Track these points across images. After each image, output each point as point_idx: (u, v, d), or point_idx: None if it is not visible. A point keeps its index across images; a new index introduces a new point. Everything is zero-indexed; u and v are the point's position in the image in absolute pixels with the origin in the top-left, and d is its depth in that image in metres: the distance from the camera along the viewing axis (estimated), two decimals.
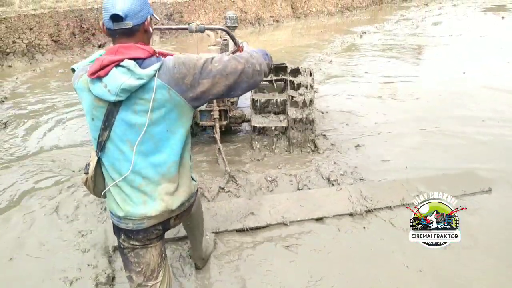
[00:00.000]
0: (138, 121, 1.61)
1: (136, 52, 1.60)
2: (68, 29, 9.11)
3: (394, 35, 10.61)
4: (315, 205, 3.13)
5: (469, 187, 3.35)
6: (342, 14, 14.90)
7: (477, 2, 17.39)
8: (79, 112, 5.39)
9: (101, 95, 1.58)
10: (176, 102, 1.64)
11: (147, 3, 1.68)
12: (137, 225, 1.74)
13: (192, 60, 1.66)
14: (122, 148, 1.66)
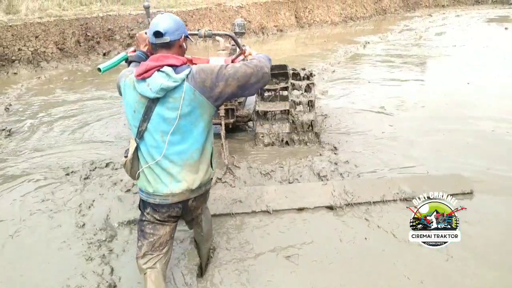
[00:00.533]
0: (169, 115, 2.05)
1: (172, 61, 2.07)
2: (73, 37, 9.18)
3: (397, 45, 10.64)
4: (299, 197, 3.37)
5: (451, 188, 3.36)
6: (346, 24, 14.97)
7: (480, 12, 17.43)
8: (82, 120, 5.42)
9: (144, 92, 2.04)
10: (200, 101, 2.07)
11: (183, 26, 2.19)
12: (162, 200, 2.14)
13: (210, 67, 2.11)
14: (156, 137, 2.08)
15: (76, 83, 7.42)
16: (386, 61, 8.76)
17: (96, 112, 5.77)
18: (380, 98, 6.08)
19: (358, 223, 3.07)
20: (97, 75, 7.95)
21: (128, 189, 3.58)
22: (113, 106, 5.99)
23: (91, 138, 4.84)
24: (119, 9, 10.83)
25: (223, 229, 3.07)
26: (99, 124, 5.30)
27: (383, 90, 6.49)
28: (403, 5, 18.48)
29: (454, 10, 18.67)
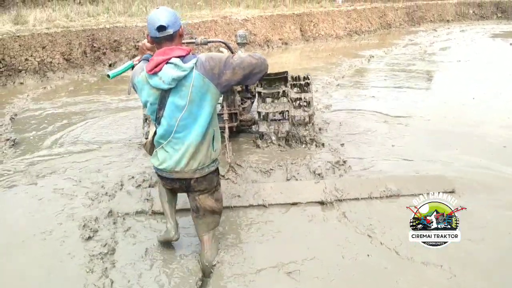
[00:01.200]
0: (181, 102, 2.33)
1: (178, 52, 2.32)
2: (79, 48, 9.26)
3: (402, 59, 10.66)
4: (293, 193, 3.68)
5: (434, 187, 3.54)
6: (351, 37, 15.03)
7: (485, 28, 17.47)
8: (87, 130, 5.44)
9: (158, 85, 2.31)
10: (208, 87, 2.34)
11: (178, 17, 2.40)
12: (168, 175, 2.53)
13: (218, 56, 2.38)
14: (170, 122, 2.37)
15: (81, 93, 7.47)
16: (390, 75, 8.78)
17: (101, 121, 5.79)
18: (384, 110, 6.12)
19: (360, 239, 3.04)
20: (102, 86, 8.02)
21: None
22: (117, 114, 6.02)
23: (95, 148, 4.85)
24: (125, 20, 10.94)
25: (225, 219, 3.33)
26: (103, 132, 5.32)
27: (388, 103, 6.50)
28: (407, 20, 18.55)
29: (459, 25, 18.73)
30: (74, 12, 11.69)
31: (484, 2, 21.00)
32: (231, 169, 4.11)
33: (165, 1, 15.80)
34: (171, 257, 2.89)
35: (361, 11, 16.28)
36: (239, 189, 3.74)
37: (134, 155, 4.59)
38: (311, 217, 3.36)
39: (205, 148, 2.46)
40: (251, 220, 3.34)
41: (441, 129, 5.33)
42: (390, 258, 2.81)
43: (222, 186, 3.43)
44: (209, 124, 2.43)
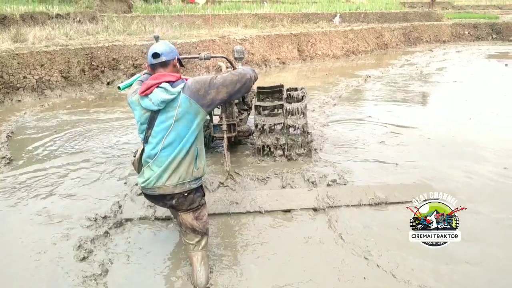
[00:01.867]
0: (168, 122, 2.56)
1: (168, 78, 2.59)
2: (78, 66, 9.31)
3: (398, 79, 10.74)
4: (287, 200, 3.91)
5: (418, 194, 3.51)
6: (348, 57, 15.15)
7: (481, 49, 17.65)
8: (84, 148, 5.43)
9: (148, 106, 2.57)
10: (195, 108, 2.60)
11: (175, 50, 2.76)
12: (152, 191, 2.68)
13: (203, 79, 2.67)
14: (156, 141, 2.58)
15: (79, 111, 7.48)
16: (387, 95, 8.83)
17: (99, 140, 5.78)
18: (381, 129, 6.19)
19: (357, 261, 3.02)
20: (100, 104, 8.03)
21: None
22: (115, 132, 6.02)
23: (92, 164, 4.83)
24: (124, 39, 11.03)
25: (222, 225, 3.61)
26: (100, 152, 5.31)
27: (385, 122, 6.52)
28: (404, 40, 18.75)
29: (454, 45, 18.91)
30: (74, 31, 11.81)
31: (479, 23, 21.27)
32: (230, 177, 4.31)
33: (164, 20, 16.01)
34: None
35: (358, 31, 16.45)
36: (236, 196, 3.96)
37: (132, 171, 4.59)
38: (307, 238, 3.35)
39: (186, 164, 2.63)
40: (246, 242, 3.32)
41: (436, 146, 5.41)
42: (387, 281, 2.79)
43: (220, 193, 3.98)
44: (193, 143, 2.64)
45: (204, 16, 18.44)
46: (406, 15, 22.53)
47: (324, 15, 20.48)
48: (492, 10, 30.61)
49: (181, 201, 2.69)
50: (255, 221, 3.66)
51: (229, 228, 3.58)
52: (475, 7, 32.95)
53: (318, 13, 20.74)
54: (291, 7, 22.90)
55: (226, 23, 16.45)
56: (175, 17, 17.41)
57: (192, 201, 2.73)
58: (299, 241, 3.31)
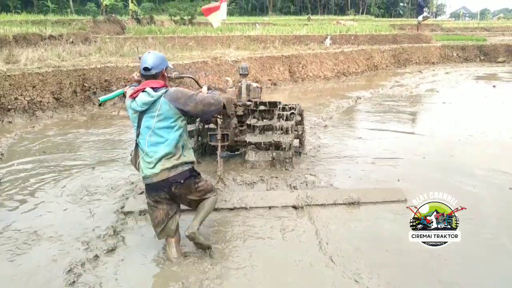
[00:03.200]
0: (151, 122, 3.07)
1: (153, 84, 3.10)
2: (70, 88, 9.33)
3: (388, 100, 10.87)
4: (271, 199, 4.36)
5: (389, 197, 4.41)
6: (338, 79, 15.34)
7: (469, 70, 17.95)
8: (74, 171, 5.40)
9: (135, 107, 3.09)
10: (174, 111, 3.09)
11: (164, 60, 3.23)
12: (150, 181, 3.13)
13: (186, 91, 3.17)
14: (144, 137, 3.10)
15: (70, 132, 7.46)
16: (378, 116, 8.92)
17: (90, 162, 5.77)
18: (372, 149, 6.29)
19: (347, 284, 3.02)
20: (91, 125, 8.03)
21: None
22: (105, 155, 6.01)
23: (80, 191, 4.81)
24: (117, 60, 11.09)
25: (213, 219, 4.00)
26: (91, 176, 5.29)
27: (376, 142, 6.61)
28: (394, 62, 19.04)
29: (443, 67, 19.22)
30: (66, 52, 11.85)
31: (467, 45, 21.69)
32: (220, 181, 4.74)
33: (157, 41, 16.14)
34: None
35: (349, 53, 16.69)
36: (226, 196, 4.42)
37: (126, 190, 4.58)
38: (297, 262, 3.33)
39: (176, 156, 3.13)
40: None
41: (421, 162, 5.55)
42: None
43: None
44: (178, 138, 3.14)
45: (197, 37, 18.62)
46: (395, 37, 22.91)
47: (315, 37, 20.76)
48: (480, 32, 31.27)
49: (180, 188, 3.17)
50: (241, 214, 4.17)
51: (220, 219, 4.08)
52: (463, 29, 33.63)
53: (309, 35, 21.02)
54: (282, 29, 23.24)
55: (219, 44, 16.61)
56: (168, 39, 17.56)
57: (188, 185, 3.22)
58: (289, 264, 3.31)
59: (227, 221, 4.03)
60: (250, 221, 4.01)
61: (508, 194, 4.67)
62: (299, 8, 70.82)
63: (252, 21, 31.86)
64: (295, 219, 4.04)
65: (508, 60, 20.65)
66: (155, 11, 38.44)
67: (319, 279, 3.11)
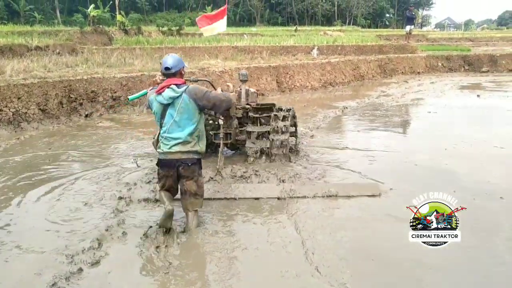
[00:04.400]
0: (173, 113, 3.77)
1: (176, 81, 3.79)
2: (56, 99, 9.26)
3: (375, 110, 10.97)
4: (258, 191, 4.95)
5: (365, 191, 4.96)
6: (325, 89, 15.44)
7: (454, 80, 18.20)
8: (59, 185, 5.36)
9: (161, 101, 3.77)
10: (192, 105, 3.79)
11: (182, 61, 3.91)
12: (164, 156, 3.86)
13: (202, 89, 3.89)
14: (167, 126, 3.79)
15: (55, 145, 7.40)
16: (363, 126, 9.00)
17: (75, 174, 5.72)
18: (358, 159, 6.38)
19: None
20: (76, 136, 7.97)
21: None
22: (90, 166, 5.97)
23: (65, 203, 4.77)
24: (104, 71, 11.06)
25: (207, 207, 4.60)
26: (75, 188, 5.25)
27: (361, 153, 6.65)
28: (380, 72, 19.23)
29: (429, 77, 19.44)
30: (53, 63, 11.81)
31: (452, 55, 21.99)
32: (218, 174, 5.39)
33: (144, 52, 16.14)
34: None
35: (335, 63, 16.84)
36: (220, 187, 5.08)
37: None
38: (283, 272, 3.34)
39: (192, 143, 3.84)
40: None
41: (409, 171, 5.55)
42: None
43: (210, 185, 5.06)
44: (194, 129, 3.84)
45: (185, 48, 18.65)
46: (381, 48, 23.18)
47: (302, 47, 20.92)
48: (464, 42, 31.69)
49: (185, 169, 3.86)
50: (230, 203, 4.73)
51: (213, 208, 4.66)
52: (448, 40, 34.08)
53: (297, 46, 21.18)
54: (270, 40, 23.37)
55: (206, 55, 16.65)
56: (156, 49, 17.57)
57: (193, 171, 3.91)
58: (275, 273, 3.32)
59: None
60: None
61: (496, 203, 4.73)
62: (286, 19, 71.39)
63: (240, 32, 32.01)
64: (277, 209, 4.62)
65: (491, 70, 20.96)
66: (142, 22, 38.41)
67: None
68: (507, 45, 30.15)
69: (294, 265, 3.45)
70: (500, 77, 19.30)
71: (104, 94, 10.15)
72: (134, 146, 7.25)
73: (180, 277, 3.28)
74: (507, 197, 4.86)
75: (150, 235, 3.91)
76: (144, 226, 4.10)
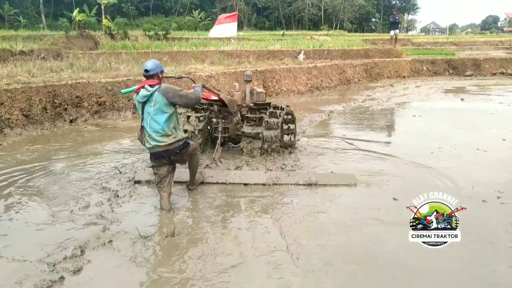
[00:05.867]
0: (150, 109, 4.35)
1: (150, 82, 4.39)
2: (40, 104, 9.15)
3: (360, 114, 11.05)
4: (247, 178, 5.59)
5: (342, 180, 5.45)
6: (312, 93, 15.50)
7: (438, 84, 18.41)
8: (43, 194, 5.29)
9: (139, 99, 4.40)
10: (165, 102, 4.35)
11: (160, 66, 4.51)
12: (154, 151, 4.46)
13: (173, 88, 4.48)
14: (147, 121, 4.38)
15: (39, 151, 7.30)
16: (349, 129, 9.05)
17: (56, 181, 5.66)
18: (346, 164, 6.40)
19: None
20: (60, 141, 7.88)
21: None
22: (72, 172, 5.91)
23: (47, 210, 4.71)
24: (89, 76, 10.96)
25: (200, 189, 5.40)
26: (58, 195, 5.19)
27: (348, 158, 6.68)
28: (366, 76, 19.37)
29: (414, 81, 19.64)
30: (37, 68, 11.65)
31: (436, 59, 22.25)
32: (214, 162, 6.19)
33: (130, 57, 16.06)
34: None
35: (322, 68, 16.93)
36: (213, 173, 5.75)
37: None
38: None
39: (173, 135, 4.46)
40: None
41: (396, 175, 5.55)
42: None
43: (205, 170, 5.77)
44: (169, 121, 4.43)
45: (171, 52, 18.59)
46: (367, 52, 23.35)
47: (289, 52, 20.97)
48: (449, 47, 32.17)
49: (176, 156, 4.58)
50: (220, 188, 5.37)
51: (206, 190, 5.40)
52: (433, 44, 34.54)
53: (283, 50, 21.23)
54: (257, 44, 23.39)
55: (193, 59, 16.62)
56: (142, 54, 17.47)
57: (183, 154, 4.64)
58: (261, 273, 3.32)
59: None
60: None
61: (479, 206, 4.78)
62: (273, 23, 71.60)
63: (227, 36, 32.00)
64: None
65: (475, 74, 21.27)
66: (129, 27, 38.26)
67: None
68: (491, 49, 30.72)
69: (279, 270, 3.45)
70: (483, 80, 19.59)
71: (89, 99, 10.06)
72: (118, 152, 7.18)
73: (166, 283, 3.26)
74: (490, 200, 4.93)
75: (135, 241, 3.88)
76: (130, 232, 4.08)
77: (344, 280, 3.30)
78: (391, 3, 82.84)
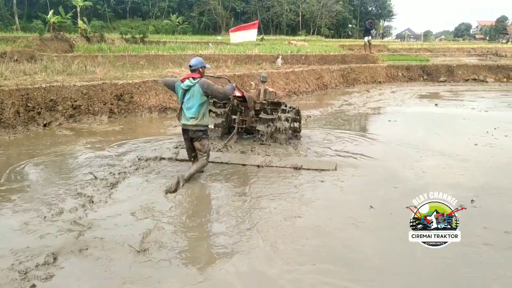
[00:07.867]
0: (188, 96, 5.62)
1: (193, 75, 5.67)
2: (12, 108, 8.95)
3: (337, 119, 11.15)
4: (248, 160, 6.70)
5: (323, 165, 6.41)
6: (289, 98, 15.56)
7: (413, 89, 18.75)
8: (18, 202, 5.17)
9: (183, 87, 5.64)
10: (201, 92, 5.58)
11: (202, 62, 5.83)
12: (183, 126, 5.79)
13: (209, 82, 5.66)
14: (185, 105, 5.68)
15: (11, 156, 7.13)
16: (325, 134, 9.10)
17: (30, 187, 5.53)
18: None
19: None
20: (33, 146, 7.71)
21: None
22: (46, 178, 5.78)
23: (22, 219, 4.60)
24: (63, 79, 10.78)
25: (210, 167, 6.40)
26: (32, 201, 5.07)
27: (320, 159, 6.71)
28: (343, 81, 19.59)
29: (389, 86, 19.95)
30: (9, 70, 11.41)
31: (411, 65, 22.67)
32: (225, 147, 7.45)
33: (106, 60, 15.86)
34: None
35: (299, 73, 17.05)
36: (220, 155, 6.98)
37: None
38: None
39: (199, 119, 5.63)
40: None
41: (375, 180, 5.60)
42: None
43: (217, 154, 6.93)
44: (200, 108, 5.59)
45: (148, 56, 18.45)
46: (344, 58, 23.62)
47: (267, 56, 21.08)
48: (423, 53, 32.78)
49: (193, 133, 5.70)
50: (223, 166, 6.50)
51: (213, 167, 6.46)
52: (408, 50, 35.16)
53: (261, 55, 21.32)
54: (235, 48, 23.41)
55: (170, 63, 16.52)
56: (119, 57, 17.27)
57: (198, 135, 5.71)
58: None
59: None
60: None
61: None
62: None
63: (205, 40, 31.92)
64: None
65: (448, 80, 21.75)
66: (105, 29, 37.76)
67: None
68: (463, 56, 31.45)
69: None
70: (456, 86, 20.05)
71: (63, 103, 9.88)
72: (93, 156, 7.07)
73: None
74: (464, 204, 5.02)
75: (110, 247, 3.83)
76: (105, 238, 4.02)
77: (321, 283, 3.30)
78: (368, 9, 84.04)
